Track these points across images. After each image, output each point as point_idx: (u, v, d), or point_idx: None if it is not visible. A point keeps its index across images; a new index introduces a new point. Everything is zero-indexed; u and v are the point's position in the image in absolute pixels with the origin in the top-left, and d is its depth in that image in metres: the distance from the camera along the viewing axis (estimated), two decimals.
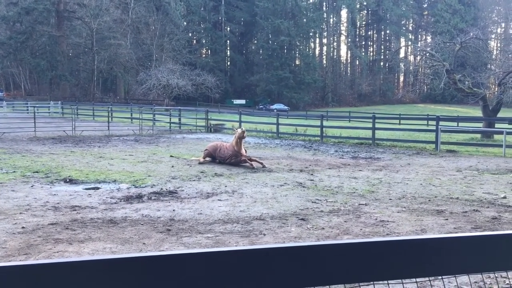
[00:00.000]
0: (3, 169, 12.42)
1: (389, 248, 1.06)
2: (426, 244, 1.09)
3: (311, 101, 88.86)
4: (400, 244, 1.08)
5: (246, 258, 0.97)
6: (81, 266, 0.90)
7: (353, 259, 1.03)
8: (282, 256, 0.99)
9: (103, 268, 0.91)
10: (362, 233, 6.78)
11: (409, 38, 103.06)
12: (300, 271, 1.00)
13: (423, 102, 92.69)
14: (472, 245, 1.12)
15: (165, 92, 61.64)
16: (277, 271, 0.99)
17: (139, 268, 0.92)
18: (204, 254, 0.96)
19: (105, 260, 0.91)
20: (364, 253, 1.04)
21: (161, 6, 75.94)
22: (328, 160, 15.98)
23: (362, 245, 1.05)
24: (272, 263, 0.99)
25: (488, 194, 9.91)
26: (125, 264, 0.92)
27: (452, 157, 17.37)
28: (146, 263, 0.92)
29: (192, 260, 0.95)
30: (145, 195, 9.37)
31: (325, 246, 1.03)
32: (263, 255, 0.98)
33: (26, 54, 69.98)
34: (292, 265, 0.99)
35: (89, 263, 0.91)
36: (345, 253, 1.03)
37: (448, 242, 1.11)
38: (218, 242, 6.28)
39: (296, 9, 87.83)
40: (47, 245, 6.03)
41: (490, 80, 34.25)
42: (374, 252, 1.05)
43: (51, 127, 27.08)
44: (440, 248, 1.09)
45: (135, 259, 0.92)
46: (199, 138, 24.99)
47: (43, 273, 0.89)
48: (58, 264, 0.90)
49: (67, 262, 0.90)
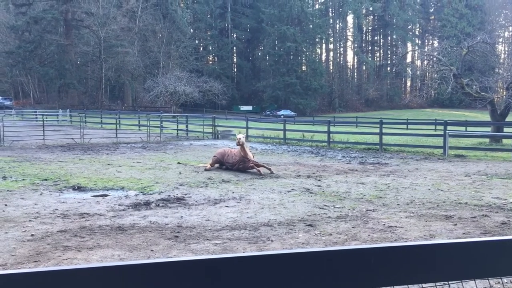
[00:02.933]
0: (13, 177, 12.51)
1: (396, 253, 1.06)
2: (434, 249, 1.09)
3: (318, 107, 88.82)
4: (407, 249, 1.08)
5: (254, 264, 0.98)
6: (89, 272, 0.91)
7: (359, 264, 1.03)
8: (289, 262, 1.00)
9: (112, 274, 0.92)
10: (370, 238, 6.75)
11: (415, 43, 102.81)
12: (308, 277, 1.00)
13: (431, 107, 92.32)
14: (480, 250, 1.11)
15: (172, 99, 61.89)
16: (285, 277, 0.99)
17: (147, 275, 0.93)
18: (211, 261, 0.96)
19: (114, 267, 0.92)
20: (371, 259, 1.04)
21: (168, 14, 76.43)
22: (336, 166, 15.94)
23: (370, 251, 1.05)
24: (280, 269, 0.99)
25: (497, 199, 9.82)
26: (134, 271, 0.93)
27: (461, 162, 17.26)
28: (154, 269, 0.93)
29: (200, 266, 0.95)
30: (153, 202, 9.39)
31: (333, 252, 1.03)
32: (271, 261, 0.99)
33: (35, 63, 70.61)
34: (300, 271, 1.00)
35: (97, 270, 0.92)
36: (352, 259, 1.03)
37: (456, 247, 1.11)
38: (225, 248, 6.27)
39: (302, 15, 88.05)
40: (56, 252, 6.06)
41: (498, 84, 34.02)
42: (381, 257, 1.05)
43: (59, 135, 27.26)
44: (448, 253, 1.09)
45: (143, 266, 0.93)
46: (206, 144, 25.04)
47: (52, 280, 0.89)
48: (67, 271, 0.91)
49: (76, 269, 0.91)
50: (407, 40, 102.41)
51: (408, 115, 65.92)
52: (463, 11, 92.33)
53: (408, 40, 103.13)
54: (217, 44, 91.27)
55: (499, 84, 34.13)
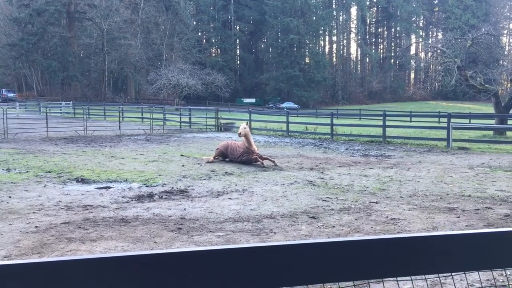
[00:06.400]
0: (16, 169, 12.56)
1: (399, 245, 1.06)
2: (437, 241, 1.09)
3: (321, 99, 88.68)
4: (410, 241, 1.08)
5: (257, 255, 0.98)
6: (93, 264, 0.92)
7: (363, 256, 1.03)
8: (292, 253, 1.00)
9: (115, 265, 0.92)
10: (373, 231, 6.76)
11: (419, 35, 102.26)
12: (311, 268, 1.00)
13: (434, 99, 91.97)
14: (484, 242, 1.11)
15: (175, 91, 61.87)
16: (287, 269, 0.99)
17: (151, 266, 0.93)
18: (215, 252, 0.96)
19: (117, 258, 0.92)
20: (374, 250, 1.04)
21: (170, 6, 76.22)
22: (339, 158, 15.93)
23: (372, 242, 1.05)
24: (283, 260, 0.99)
25: (500, 191, 9.81)
26: (137, 262, 0.93)
27: (464, 154, 17.22)
28: (157, 260, 0.93)
29: (204, 257, 0.96)
30: (156, 194, 9.42)
31: (335, 243, 1.03)
32: (274, 252, 0.99)
33: (38, 55, 70.69)
34: (302, 262, 1.00)
35: (101, 261, 0.92)
36: (355, 250, 1.03)
37: (459, 239, 1.11)
38: (228, 240, 6.29)
39: (306, 7, 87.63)
40: (60, 244, 6.10)
41: (502, 76, 33.86)
42: (384, 249, 1.05)
43: (63, 127, 27.32)
44: (450, 245, 1.09)
45: (147, 257, 0.93)
46: (209, 137, 25.05)
47: (56, 270, 0.90)
48: (71, 262, 0.91)
49: (80, 259, 0.91)
50: (411, 32, 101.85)
51: (412, 107, 65.69)
52: (468, 2, 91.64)
53: (412, 32, 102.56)
54: (220, 36, 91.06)
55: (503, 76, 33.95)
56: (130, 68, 74.55)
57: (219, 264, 0.96)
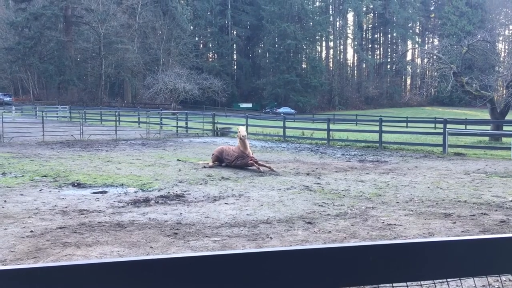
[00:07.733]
0: (12, 173, 12.51)
1: (395, 251, 1.06)
2: (433, 247, 1.09)
3: (317, 105, 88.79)
4: (406, 247, 1.08)
5: (253, 261, 0.98)
6: (88, 269, 0.91)
7: (358, 262, 1.03)
8: (288, 259, 1.00)
9: (111, 271, 0.92)
10: (369, 236, 6.76)
11: (416, 41, 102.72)
12: (306, 274, 1.00)
13: (431, 105, 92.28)
14: (479, 248, 1.12)
15: (172, 96, 61.86)
16: (283, 274, 0.99)
17: (147, 271, 0.93)
18: (212, 257, 0.96)
19: (113, 263, 0.92)
20: (370, 256, 1.04)
21: (168, 10, 76.32)
22: (335, 164, 15.95)
23: (368, 248, 1.05)
24: (279, 266, 0.99)
25: (496, 197, 9.83)
26: (133, 267, 0.93)
27: (460, 160, 17.27)
28: (153, 266, 0.93)
29: (200, 263, 0.96)
30: (152, 199, 9.39)
31: (332, 249, 1.03)
32: (270, 258, 0.99)
33: (35, 59, 70.56)
34: (299, 268, 1.00)
35: (96, 266, 0.92)
36: (351, 256, 1.03)
37: (455, 245, 1.11)
38: (225, 245, 6.28)
39: (302, 12, 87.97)
40: (56, 248, 6.07)
41: (498, 83, 34.05)
42: (380, 255, 1.05)
43: (59, 132, 27.25)
44: (447, 251, 1.09)
45: (143, 262, 0.93)
46: (206, 142, 25.04)
47: (51, 276, 0.90)
48: (66, 267, 0.91)
49: (75, 265, 0.91)
50: (407, 38, 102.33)
51: (408, 113, 65.81)
52: (464, 9, 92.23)
53: (408, 38, 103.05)
54: (217, 41, 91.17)
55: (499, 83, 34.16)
56: (127, 72, 74.53)
57: (215, 270, 0.96)
